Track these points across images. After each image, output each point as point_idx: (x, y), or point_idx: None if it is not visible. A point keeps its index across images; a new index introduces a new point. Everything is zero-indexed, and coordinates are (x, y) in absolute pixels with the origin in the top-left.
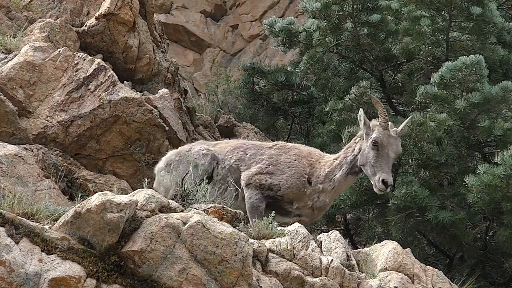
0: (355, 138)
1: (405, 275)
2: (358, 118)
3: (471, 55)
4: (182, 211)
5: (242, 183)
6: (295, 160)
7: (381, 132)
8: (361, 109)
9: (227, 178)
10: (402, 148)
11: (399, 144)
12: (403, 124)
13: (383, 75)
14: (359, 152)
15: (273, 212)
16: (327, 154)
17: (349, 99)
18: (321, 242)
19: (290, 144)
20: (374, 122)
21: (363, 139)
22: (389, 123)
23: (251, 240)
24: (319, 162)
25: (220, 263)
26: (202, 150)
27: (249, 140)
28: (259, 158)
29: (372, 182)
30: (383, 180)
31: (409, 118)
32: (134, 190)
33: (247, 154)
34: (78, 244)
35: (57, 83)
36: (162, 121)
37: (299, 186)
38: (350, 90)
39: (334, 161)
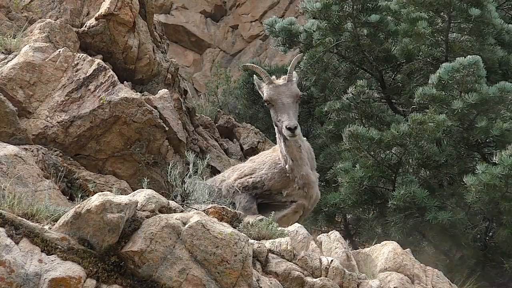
0: None
1: (405, 275)
2: (257, 89)
3: (469, 56)
4: (182, 211)
5: (225, 194)
6: (265, 157)
7: (267, 88)
8: (255, 77)
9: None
10: (402, 147)
11: (292, 87)
12: (291, 63)
13: (383, 75)
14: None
15: (273, 212)
16: None
17: (347, 98)
18: (321, 242)
19: (258, 154)
20: (264, 85)
21: None
22: (286, 76)
23: (251, 241)
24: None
25: (220, 264)
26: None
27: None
28: (237, 170)
29: (285, 136)
30: (286, 127)
31: (296, 57)
32: (134, 191)
33: (225, 175)
34: (78, 245)
35: (57, 83)
36: (162, 121)
37: (279, 173)
38: (348, 89)
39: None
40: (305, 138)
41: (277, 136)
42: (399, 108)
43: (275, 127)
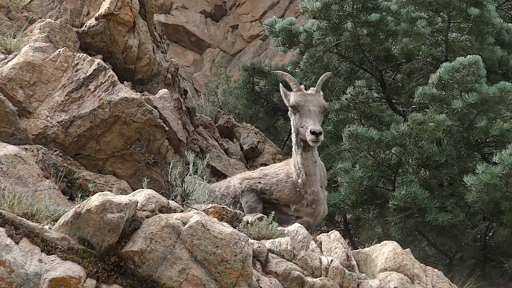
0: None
1: (405, 275)
2: (282, 97)
3: (469, 56)
4: (182, 211)
5: (236, 193)
6: (278, 168)
7: (295, 95)
8: (280, 85)
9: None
10: (402, 147)
11: (319, 98)
12: (319, 80)
13: (383, 75)
14: (293, 126)
15: (273, 212)
16: None
17: (346, 99)
18: (321, 242)
19: (269, 165)
20: (290, 93)
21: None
22: (315, 88)
23: (251, 241)
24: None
25: (220, 264)
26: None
27: None
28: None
29: (308, 141)
30: (311, 131)
31: (324, 74)
32: (134, 191)
33: (231, 181)
34: (78, 245)
35: (57, 83)
36: (162, 121)
37: (290, 188)
38: (347, 89)
39: (292, 153)
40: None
41: (293, 148)
42: (399, 108)
43: (293, 138)
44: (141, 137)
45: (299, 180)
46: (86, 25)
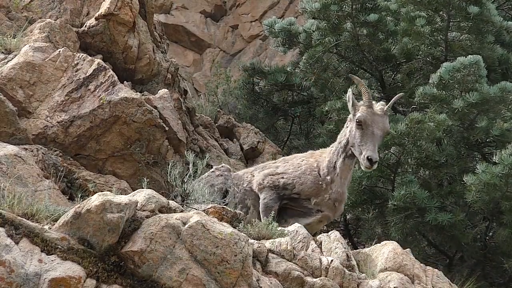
0: (346, 122)
1: (405, 275)
2: (347, 99)
3: (469, 56)
4: (182, 211)
5: (255, 188)
6: (302, 161)
7: (365, 111)
8: (349, 90)
9: (245, 201)
10: (401, 147)
11: (386, 121)
12: (391, 102)
13: (382, 75)
14: (349, 135)
15: (273, 212)
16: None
17: (347, 99)
18: (321, 242)
19: (291, 156)
20: (359, 102)
21: (351, 121)
22: (382, 102)
23: (251, 241)
24: (321, 155)
25: (220, 264)
26: (215, 170)
27: None
28: (267, 168)
29: (360, 161)
30: (368, 157)
31: (398, 95)
32: (134, 191)
33: (254, 174)
34: (78, 245)
35: (57, 83)
36: (162, 121)
37: (312, 180)
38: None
39: (331, 150)
40: None
41: (336, 148)
42: (399, 108)
43: (342, 141)
44: (141, 137)
45: (328, 177)
46: (86, 25)
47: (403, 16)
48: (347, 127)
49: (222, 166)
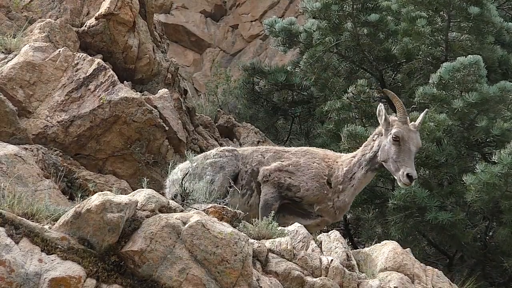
0: (372, 135)
1: (405, 275)
2: (377, 114)
3: (469, 56)
4: (182, 211)
5: (260, 178)
6: (314, 163)
7: (401, 127)
8: (381, 104)
9: (251, 184)
10: None
11: (419, 137)
12: (420, 117)
13: (383, 75)
14: (378, 149)
15: (272, 212)
16: (343, 154)
17: (347, 98)
18: (321, 242)
19: (305, 148)
20: (392, 117)
21: (381, 135)
22: (416, 124)
23: (251, 240)
24: (336, 162)
25: (220, 263)
26: (224, 150)
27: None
28: (278, 158)
29: (396, 177)
30: (407, 175)
31: (424, 111)
32: (134, 190)
33: (265, 157)
34: (78, 244)
35: (57, 83)
36: (162, 121)
37: (319, 188)
38: (348, 89)
39: (352, 160)
40: None
41: (358, 158)
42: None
43: (369, 153)
44: (141, 137)
45: (340, 186)
46: (86, 25)
47: (403, 16)
48: (375, 140)
49: (233, 149)
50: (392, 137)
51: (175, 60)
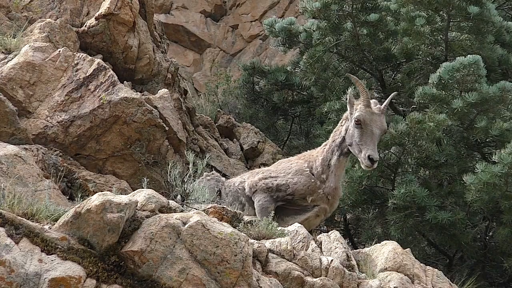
0: (341, 120)
1: (405, 275)
2: (346, 99)
3: (469, 55)
4: (182, 211)
5: (248, 190)
6: (291, 163)
7: (363, 110)
8: (349, 89)
9: (239, 198)
10: (401, 146)
11: (384, 120)
12: (387, 100)
13: (382, 75)
14: (346, 133)
15: (272, 212)
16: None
17: (346, 99)
18: (321, 242)
19: (278, 161)
20: (357, 101)
21: (348, 120)
22: (374, 101)
23: (251, 240)
24: (312, 155)
25: (220, 263)
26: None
27: None
28: (257, 173)
29: (359, 160)
30: (369, 156)
31: (392, 94)
32: (134, 190)
33: (244, 179)
34: (78, 244)
35: (57, 83)
36: (162, 121)
37: (306, 179)
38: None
39: (324, 148)
40: None
41: (331, 146)
42: (399, 108)
43: (337, 139)
44: (141, 137)
45: (323, 175)
46: (86, 25)
47: (403, 16)
48: (342, 125)
49: (212, 173)
50: (354, 120)
51: (175, 60)
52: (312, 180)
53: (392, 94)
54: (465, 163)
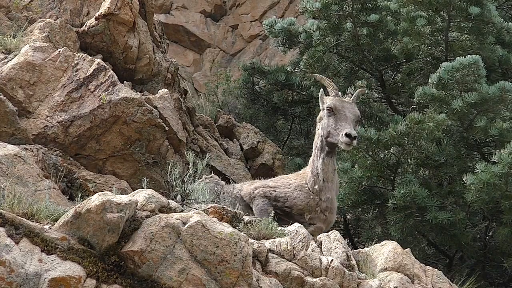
0: (316, 127)
1: (405, 275)
2: (319, 98)
3: (469, 55)
4: (182, 211)
5: (247, 197)
6: (291, 180)
7: (333, 98)
8: (321, 90)
9: (235, 206)
10: (400, 147)
11: (355, 107)
12: (355, 94)
13: (382, 75)
14: (322, 131)
15: (272, 213)
16: None
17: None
18: (321, 242)
19: (278, 176)
20: (326, 97)
21: (322, 119)
22: (351, 98)
23: (251, 240)
24: (305, 172)
25: (220, 263)
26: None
27: None
28: (255, 182)
29: (339, 144)
30: (346, 133)
31: (359, 90)
32: (134, 190)
33: (242, 187)
34: (78, 244)
35: (57, 83)
36: (162, 121)
37: (305, 195)
38: (347, 89)
39: (311, 160)
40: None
41: (314, 153)
42: (399, 108)
43: (318, 142)
44: (141, 137)
45: (316, 186)
46: (86, 25)
47: (403, 16)
48: (318, 128)
49: (211, 176)
50: (327, 109)
51: (175, 60)
52: (311, 197)
53: (359, 90)
54: (465, 163)
